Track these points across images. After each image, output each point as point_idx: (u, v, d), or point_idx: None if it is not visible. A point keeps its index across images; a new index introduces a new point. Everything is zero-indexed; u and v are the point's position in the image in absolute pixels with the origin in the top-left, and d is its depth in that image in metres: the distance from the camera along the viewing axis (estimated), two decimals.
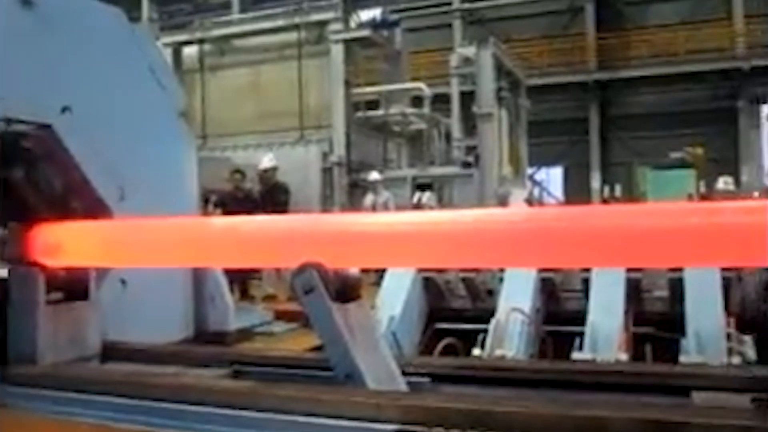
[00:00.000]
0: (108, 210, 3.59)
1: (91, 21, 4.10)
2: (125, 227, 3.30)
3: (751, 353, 4.33)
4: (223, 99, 17.97)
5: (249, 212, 8.30)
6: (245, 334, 5.50)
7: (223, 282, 5.09)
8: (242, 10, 26.16)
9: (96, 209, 3.52)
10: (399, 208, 11.94)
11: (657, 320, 5.25)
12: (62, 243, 3.15)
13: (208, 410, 2.48)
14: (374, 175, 13.92)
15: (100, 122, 3.83)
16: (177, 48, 18.55)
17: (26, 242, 3.17)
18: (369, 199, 12.75)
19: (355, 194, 16.83)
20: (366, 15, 18.12)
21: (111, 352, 3.47)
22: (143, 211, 3.45)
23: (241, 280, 8.55)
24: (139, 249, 3.12)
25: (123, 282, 3.92)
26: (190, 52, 18.81)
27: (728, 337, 4.38)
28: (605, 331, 4.53)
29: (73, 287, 3.30)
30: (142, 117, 4.44)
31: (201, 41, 18.63)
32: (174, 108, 4.84)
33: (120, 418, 2.59)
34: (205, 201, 8.63)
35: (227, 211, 8.96)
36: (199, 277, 4.85)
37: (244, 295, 8.62)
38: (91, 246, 3.20)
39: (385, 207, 12.20)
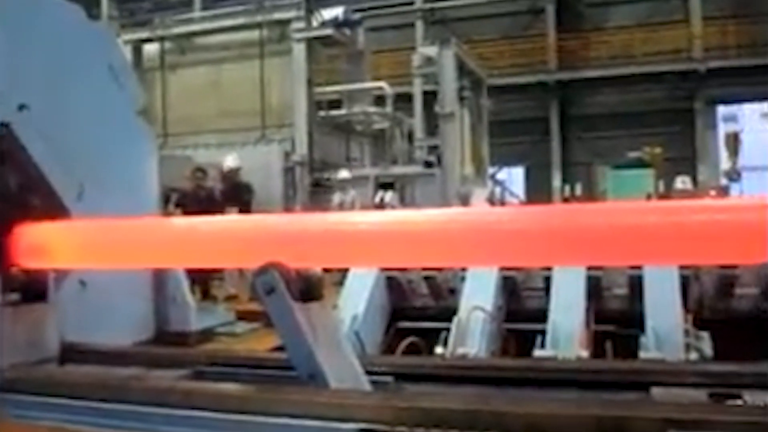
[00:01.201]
0: (66, 209, 3.53)
1: (49, 18, 4.03)
2: (95, 228, 3.24)
3: (708, 349, 4.41)
4: (184, 97, 17.80)
5: (210, 211, 8.24)
6: (207, 334, 5.46)
7: (185, 282, 5.05)
8: (203, 8, 25.93)
9: (54, 209, 3.46)
10: (361, 207, 11.98)
11: (617, 317, 5.32)
12: (40, 244, 3.09)
13: (169, 411, 2.46)
14: (343, 174, 13.95)
15: (59, 120, 3.77)
16: (137, 46, 18.33)
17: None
18: (337, 197, 12.80)
19: (317, 194, 16.80)
20: (328, 14, 18.03)
21: (70, 353, 3.41)
22: (103, 210, 3.40)
23: (203, 280, 8.48)
24: (102, 250, 3.08)
25: (82, 283, 3.87)
26: (150, 49, 18.60)
27: (686, 333, 4.46)
28: (566, 329, 4.58)
29: (31, 288, 3.24)
30: (101, 115, 4.38)
31: (162, 39, 18.43)
32: (134, 106, 4.79)
33: (79, 420, 2.55)
34: (166, 200, 8.53)
35: (188, 211, 8.88)
36: (160, 277, 4.81)
37: (206, 295, 8.56)
38: (65, 247, 3.14)
39: (351, 206, 12.24)
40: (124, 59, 5.34)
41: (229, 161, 10.63)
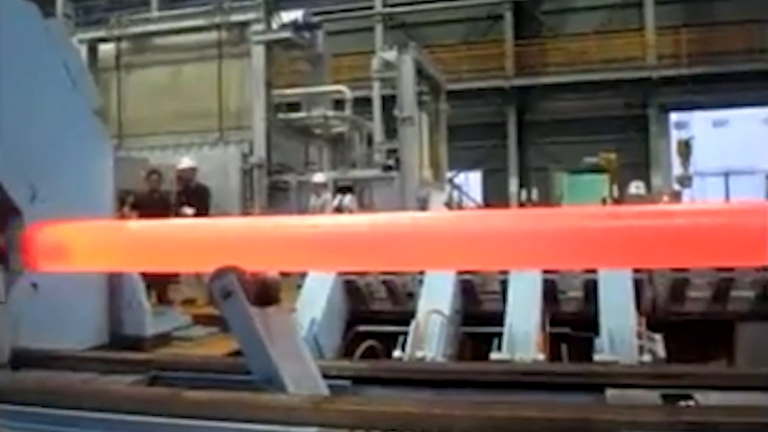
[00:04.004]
0: (18, 211, 3.47)
1: (4, 16, 3.95)
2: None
3: (661, 351, 4.50)
4: (140, 98, 17.54)
5: (166, 214, 8.15)
6: (163, 338, 5.40)
7: (140, 286, 5.00)
8: (161, 8, 25.62)
9: (5, 210, 3.39)
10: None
11: (572, 320, 5.40)
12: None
13: (123, 418, 2.42)
14: (319, 177, 13.96)
15: (11, 121, 3.70)
16: (93, 45, 18.01)
17: None
18: (314, 200, 12.95)
19: (275, 196, 16.70)
20: (288, 17, 17.94)
21: (22, 359, 3.34)
22: (56, 212, 3.34)
23: (159, 283, 8.37)
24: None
25: (34, 286, 3.79)
26: (106, 49, 18.30)
27: (639, 335, 4.54)
28: (523, 332, 4.62)
29: None
30: (55, 116, 4.31)
31: (118, 39, 18.13)
32: (89, 107, 4.72)
33: (31, 428, 2.51)
34: (121, 202, 8.41)
35: (143, 213, 8.76)
36: (115, 280, 4.74)
37: (162, 299, 8.45)
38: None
39: (322, 209, 12.34)
40: (80, 59, 5.26)
41: (185, 163, 10.53)
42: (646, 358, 4.36)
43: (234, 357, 3.45)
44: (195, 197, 9.94)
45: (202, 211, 9.59)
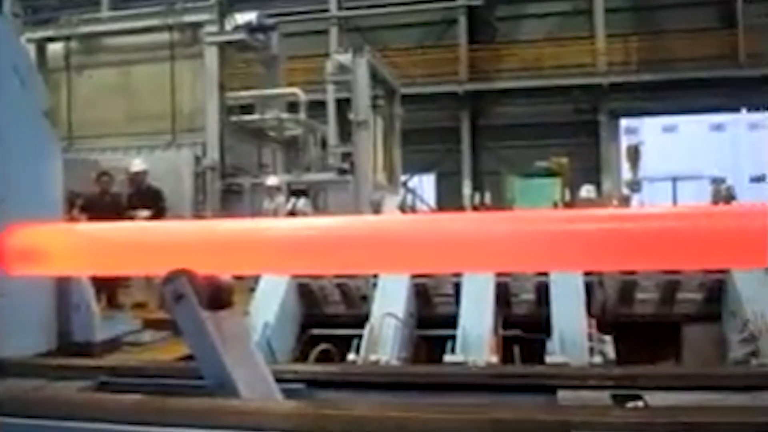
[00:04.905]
0: None
1: None
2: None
3: (611, 352, 4.57)
4: (91, 99, 17.25)
5: (117, 216, 8.03)
6: (113, 344, 5.30)
7: (89, 289, 4.89)
8: (112, 8, 25.26)
9: None
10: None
11: (524, 323, 5.45)
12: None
13: (72, 425, 2.38)
14: (272, 180, 13.89)
15: None
16: (41, 45, 17.64)
17: None
18: (267, 204, 12.90)
19: (228, 199, 16.57)
20: (242, 18, 17.80)
21: None
22: (2, 215, 3.27)
23: (109, 287, 8.24)
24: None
25: None
26: (55, 49, 17.95)
27: (590, 337, 4.61)
28: (476, 334, 4.66)
29: None
30: (3, 116, 4.21)
31: (67, 38, 17.81)
32: (37, 107, 4.62)
33: None
34: (71, 204, 8.25)
35: (93, 216, 8.61)
36: (62, 284, 4.64)
37: (112, 302, 8.32)
38: None
39: (275, 213, 12.31)
40: (29, 58, 5.14)
41: (137, 165, 10.39)
42: (597, 359, 4.44)
43: (185, 362, 3.41)
44: (147, 200, 9.81)
45: (157, 213, 9.48)
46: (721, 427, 2.13)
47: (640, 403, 2.66)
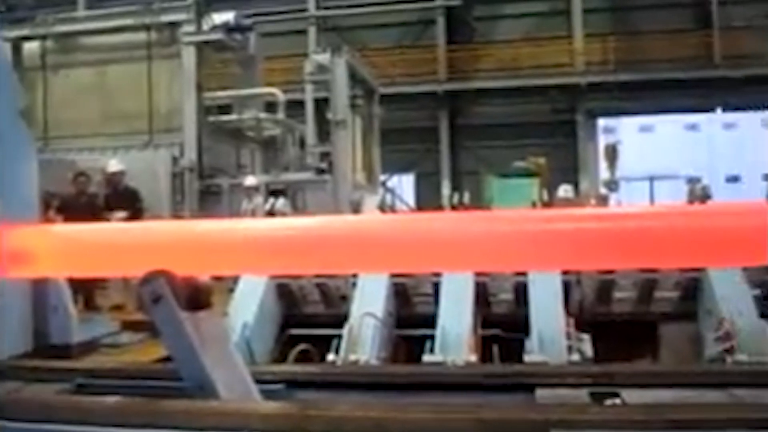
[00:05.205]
0: None
1: None
2: None
3: (589, 351, 4.61)
4: (67, 99, 17.05)
5: (93, 217, 7.95)
6: (90, 346, 5.26)
7: (66, 291, 4.85)
8: (88, 7, 25.00)
9: None
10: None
11: (503, 322, 5.48)
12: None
13: (49, 428, 2.36)
14: (251, 180, 13.82)
15: None
16: (17, 44, 17.44)
17: None
18: (246, 204, 12.83)
19: (206, 200, 16.47)
20: (219, 18, 17.69)
21: None
22: None
23: (86, 288, 8.16)
24: None
25: None
26: (31, 48, 17.75)
27: (568, 336, 4.64)
28: (455, 334, 4.67)
29: None
30: None
31: (43, 37, 17.62)
32: (12, 107, 4.57)
33: None
34: (47, 205, 8.17)
35: (70, 216, 8.53)
36: (39, 286, 4.60)
37: (89, 304, 8.24)
38: None
39: (254, 213, 12.25)
40: (4, 57, 5.09)
41: (115, 166, 10.30)
42: (575, 357, 4.47)
43: (164, 363, 3.39)
44: (124, 201, 9.73)
45: (135, 214, 9.40)
46: (697, 423, 2.15)
47: (618, 401, 2.68)
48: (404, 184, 28.32)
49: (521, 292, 5.28)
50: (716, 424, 2.14)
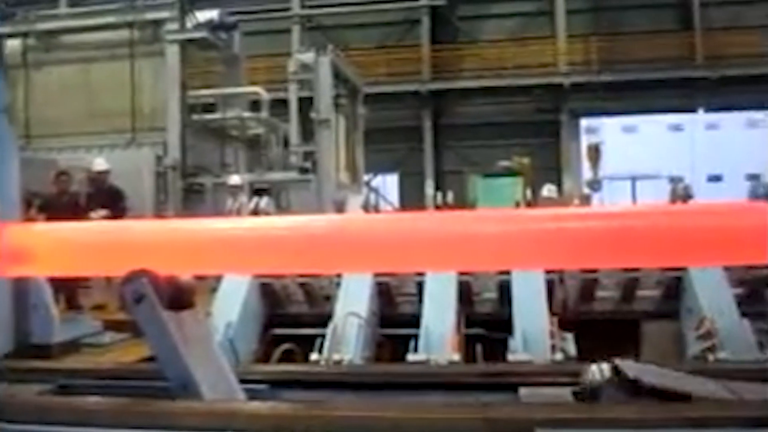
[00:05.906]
0: None
1: None
2: None
3: (573, 349, 4.63)
4: (49, 97, 16.92)
5: (76, 216, 7.89)
6: (72, 346, 5.22)
7: (47, 290, 4.82)
8: (71, 4, 24.83)
9: None
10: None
11: (487, 321, 5.49)
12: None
13: (30, 428, 2.34)
14: (234, 180, 13.80)
15: None
16: None
17: None
18: (230, 203, 12.82)
19: (190, 199, 16.41)
20: (203, 16, 17.62)
21: None
22: None
23: (68, 288, 8.10)
24: None
25: None
26: (13, 45, 17.60)
27: (552, 335, 4.65)
28: (438, 333, 4.68)
29: None
30: None
31: (25, 35, 17.47)
32: None
33: None
34: (28, 204, 8.10)
35: (52, 216, 8.46)
36: (20, 285, 4.56)
37: (71, 304, 8.18)
38: None
39: (238, 212, 12.25)
40: None
41: (100, 165, 10.24)
42: (558, 356, 4.48)
43: (147, 363, 3.38)
44: (108, 200, 9.67)
45: (118, 213, 9.34)
46: (679, 421, 2.16)
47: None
48: (388, 184, 28.35)
49: (505, 291, 5.30)
50: (699, 422, 2.16)
